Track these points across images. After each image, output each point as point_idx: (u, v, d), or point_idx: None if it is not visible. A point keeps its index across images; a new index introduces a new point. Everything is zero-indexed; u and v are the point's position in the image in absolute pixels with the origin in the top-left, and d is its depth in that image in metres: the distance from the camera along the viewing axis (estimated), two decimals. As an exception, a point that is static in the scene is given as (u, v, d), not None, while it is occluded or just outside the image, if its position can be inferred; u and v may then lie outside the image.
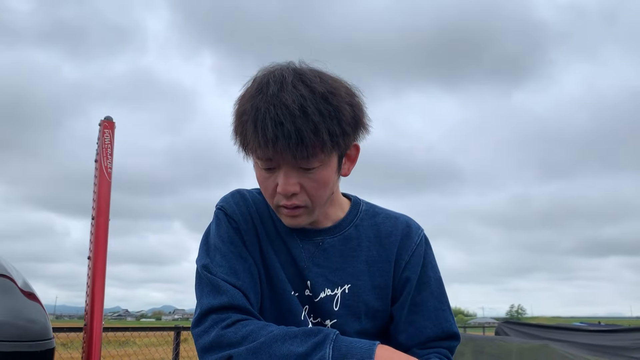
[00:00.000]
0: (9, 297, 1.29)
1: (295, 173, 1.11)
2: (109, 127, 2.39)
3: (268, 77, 1.11)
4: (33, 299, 1.37)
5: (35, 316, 1.32)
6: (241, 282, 1.16)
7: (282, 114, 1.04)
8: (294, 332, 1.07)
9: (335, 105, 1.08)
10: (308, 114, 1.04)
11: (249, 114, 1.08)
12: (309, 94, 1.06)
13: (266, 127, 1.04)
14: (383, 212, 1.33)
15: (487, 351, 5.45)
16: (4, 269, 1.35)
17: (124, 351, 9.05)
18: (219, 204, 1.28)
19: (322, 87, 1.09)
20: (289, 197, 1.13)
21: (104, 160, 2.34)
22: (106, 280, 2.39)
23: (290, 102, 1.04)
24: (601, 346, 6.32)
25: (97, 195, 2.36)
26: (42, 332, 1.31)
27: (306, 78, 1.10)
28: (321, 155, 1.09)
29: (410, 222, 1.32)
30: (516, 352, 5.25)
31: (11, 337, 1.21)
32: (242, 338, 1.07)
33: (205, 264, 1.19)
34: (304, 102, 1.05)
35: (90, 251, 2.37)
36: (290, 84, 1.08)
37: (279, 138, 1.04)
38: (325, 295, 1.22)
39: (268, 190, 1.16)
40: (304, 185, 1.12)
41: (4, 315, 1.24)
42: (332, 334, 1.06)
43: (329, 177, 1.14)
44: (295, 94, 1.06)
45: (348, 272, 1.24)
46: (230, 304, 1.12)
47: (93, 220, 2.36)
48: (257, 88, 1.10)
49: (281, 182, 1.11)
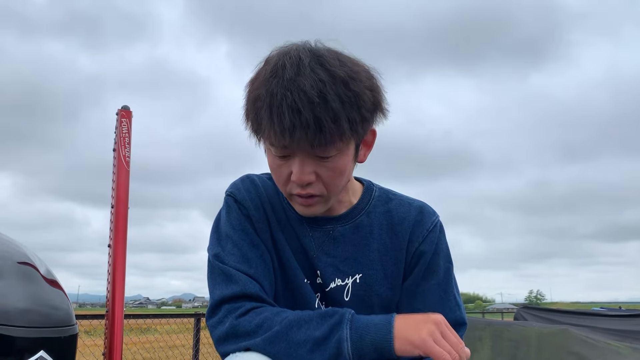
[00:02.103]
0: (33, 285, 1.31)
1: (312, 161, 1.07)
2: (126, 116, 2.40)
3: (283, 58, 1.04)
4: (56, 287, 1.39)
5: (58, 303, 1.34)
6: (254, 270, 1.13)
7: (299, 100, 0.98)
8: (308, 315, 1.05)
9: (356, 91, 1.02)
10: (328, 101, 0.99)
11: (263, 100, 1.02)
12: (328, 79, 1.00)
13: (283, 114, 0.99)
14: (397, 197, 1.29)
15: (506, 336, 5.44)
16: (27, 257, 1.37)
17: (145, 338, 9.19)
18: (228, 190, 1.25)
19: (342, 70, 1.02)
20: (304, 186, 1.09)
21: (122, 149, 2.36)
22: (127, 269, 2.42)
23: (308, 88, 0.98)
24: (622, 331, 6.26)
25: (116, 184, 2.38)
26: (65, 318, 1.33)
27: (325, 60, 1.03)
28: (339, 143, 1.04)
29: (424, 208, 1.27)
30: (535, 337, 5.23)
31: (35, 323, 1.23)
32: (256, 326, 1.05)
33: (216, 252, 1.17)
34: (323, 88, 0.99)
35: (111, 239, 2.39)
36: (307, 67, 1.01)
37: (296, 127, 0.98)
38: (336, 286, 1.20)
39: (281, 177, 1.12)
40: (319, 174, 1.08)
41: (28, 302, 1.26)
42: (347, 313, 1.03)
43: (346, 165, 1.10)
44: (313, 78, 1.00)
45: (359, 261, 1.21)
46: (242, 292, 1.10)
47: (112, 209, 2.38)
48: (272, 71, 1.03)
49: (296, 170, 1.07)
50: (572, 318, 7.56)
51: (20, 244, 1.44)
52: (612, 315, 7.82)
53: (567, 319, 7.53)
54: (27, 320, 1.22)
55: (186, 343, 7.38)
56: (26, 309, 1.24)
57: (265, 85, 1.02)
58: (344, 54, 1.09)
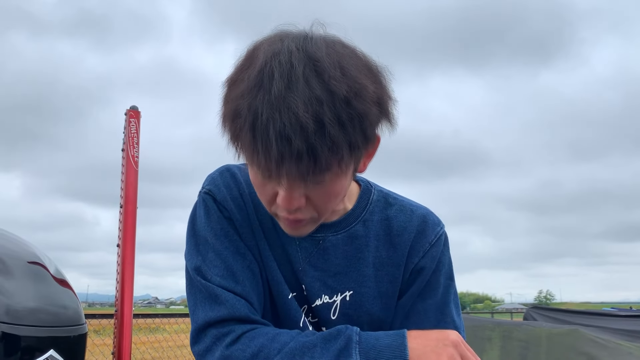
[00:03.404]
0: (43, 284, 1.32)
1: (302, 185, 0.86)
2: (134, 117, 2.41)
3: (271, 63, 0.81)
4: (65, 286, 1.40)
5: (68, 302, 1.35)
6: (241, 286, 0.98)
7: (290, 125, 0.77)
8: (311, 341, 0.90)
9: (361, 109, 0.81)
10: (324, 126, 0.78)
11: (245, 118, 0.81)
12: (326, 97, 0.79)
13: (269, 142, 0.78)
14: (397, 202, 1.11)
15: (516, 336, 5.41)
16: (36, 257, 1.38)
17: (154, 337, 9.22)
18: (205, 187, 1.06)
19: (345, 84, 0.80)
20: (292, 211, 0.90)
21: (130, 149, 2.37)
22: (136, 269, 2.43)
23: (301, 109, 0.77)
24: (633, 331, 6.21)
25: (125, 183, 2.39)
26: (75, 317, 1.34)
27: (323, 69, 0.81)
28: (337, 169, 0.85)
29: (429, 217, 1.10)
30: (545, 337, 5.20)
31: (45, 323, 1.24)
32: (252, 356, 0.90)
33: (197, 265, 1.00)
34: (320, 109, 0.78)
35: (119, 239, 2.41)
36: (301, 78, 0.79)
37: (285, 157, 0.79)
38: (322, 303, 1.05)
39: (265, 197, 0.92)
40: (311, 197, 0.89)
41: (38, 301, 1.27)
42: (354, 335, 0.89)
43: (342, 186, 0.92)
44: (307, 95, 0.78)
45: (351, 277, 1.05)
46: (230, 315, 0.95)
47: (121, 209, 2.40)
48: (257, 80, 0.81)
49: (283, 197, 0.87)
50: (582, 318, 7.50)
51: (30, 243, 1.45)
52: (623, 315, 7.76)
53: (577, 319, 7.48)
54: (37, 319, 1.23)
55: (195, 342, 7.39)
56: (36, 308, 1.25)
57: (248, 98, 0.81)
58: (347, 51, 0.87)
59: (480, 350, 5.33)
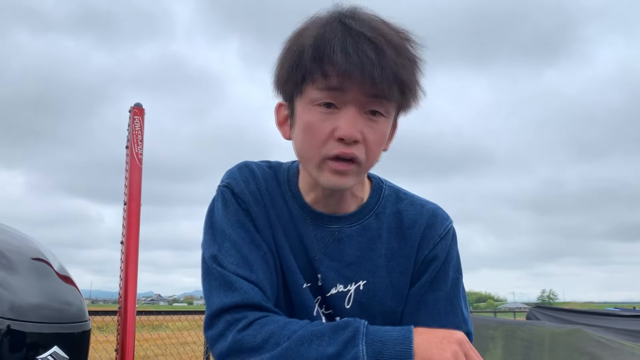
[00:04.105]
0: (46, 280, 1.32)
1: (361, 119, 0.96)
2: (139, 114, 2.42)
3: (332, 24, 0.93)
4: (69, 282, 1.40)
5: (71, 299, 1.35)
6: (255, 275, 1.02)
7: (373, 36, 0.90)
8: (320, 330, 0.94)
9: (416, 53, 0.97)
10: (404, 46, 0.93)
11: (321, 38, 0.91)
12: (392, 32, 0.93)
13: (348, 47, 0.89)
14: (408, 197, 1.18)
15: (519, 335, 5.40)
16: (40, 253, 1.38)
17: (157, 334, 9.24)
18: (224, 180, 1.12)
19: (399, 31, 0.96)
20: (350, 145, 0.96)
21: (134, 146, 2.37)
22: (139, 266, 2.43)
23: (377, 30, 0.91)
24: (636, 331, 6.20)
25: (129, 181, 2.40)
26: (78, 314, 1.34)
27: (384, 24, 0.96)
28: (393, 103, 0.98)
29: (438, 211, 1.16)
30: (549, 336, 5.19)
31: (48, 319, 1.24)
32: (262, 341, 0.94)
33: (213, 253, 1.05)
34: (394, 36, 0.93)
35: (123, 236, 2.41)
36: (366, 17, 0.94)
37: (371, 60, 0.89)
38: (337, 292, 1.10)
39: (321, 135, 0.97)
40: (365, 135, 0.97)
41: (41, 297, 1.27)
42: (361, 327, 0.93)
43: (386, 134, 1.02)
44: (380, 27, 0.92)
45: (364, 267, 1.10)
46: (244, 302, 0.99)
47: (125, 206, 2.40)
48: (322, 22, 0.94)
49: (346, 123, 0.94)
50: (585, 318, 7.49)
51: (34, 240, 1.45)
52: (626, 315, 7.74)
53: (580, 318, 7.46)
54: (41, 315, 1.23)
55: (197, 340, 7.41)
56: (40, 304, 1.25)
57: (316, 31, 0.93)
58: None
59: (483, 349, 5.32)
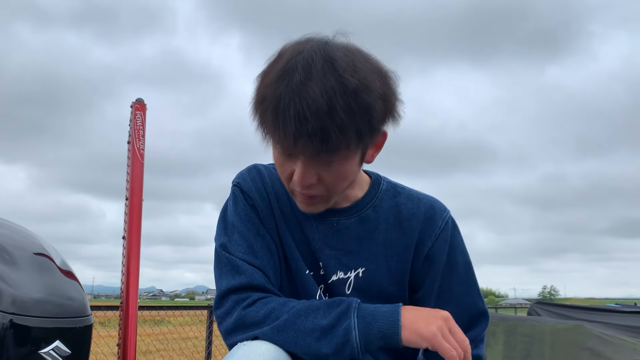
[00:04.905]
0: (48, 275, 1.33)
1: (315, 165, 1.04)
2: (140, 109, 2.42)
3: (296, 59, 1.00)
4: (71, 277, 1.40)
5: (73, 294, 1.36)
6: (259, 260, 1.14)
7: (307, 108, 0.95)
8: (316, 305, 1.06)
9: (367, 102, 0.98)
10: (336, 110, 0.95)
11: (270, 101, 0.99)
12: (338, 87, 0.96)
13: (288, 121, 0.96)
14: (405, 191, 1.27)
15: (520, 331, 5.41)
16: (42, 248, 1.39)
17: (159, 329, 9.28)
18: (235, 180, 1.26)
19: (355, 79, 0.97)
20: (306, 188, 1.08)
21: (136, 141, 2.38)
22: (141, 261, 2.44)
23: (317, 95, 0.95)
24: (638, 327, 6.20)
25: (131, 176, 2.40)
26: (80, 309, 1.35)
27: (338, 66, 0.98)
28: (345, 151, 1.02)
29: (435, 204, 1.25)
30: (550, 332, 5.19)
31: (50, 314, 1.25)
32: (264, 316, 1.06)
33: (223, 242, 1.18)
34: (333, 96, 0.95)
35: (125, 231, 2.41)
36: (319, 71, 0.97)
37: (301, 134, 0.96)
38: (338, 278, 1.20)
39: (284, 174, 1.11)
40: (322, 177, 1.06)
41: (43, 292, 1.28)
42: (354, 302, 1.05)
43: (350, 170, 1.08)
44: (323, 85, 0.96)
45: (363, 255, 1.20)
46: (249, 283, 1.11)
47: (127, 201, 2.40)
48: (282, 72, 0.99)
49: (298, 173, 1.05)
50: (587, 314, 7.49)
51: (36, 234, 1.46)
52: (627, 311, 7.74)
53: (581, 314, 7.47)
54: (43, 310, 1.24)
55: (199, 335, 7.43)
56: (42, 299, 1.26)
57: (274, 87, 0.99)
58: (361, 56, 1.04)
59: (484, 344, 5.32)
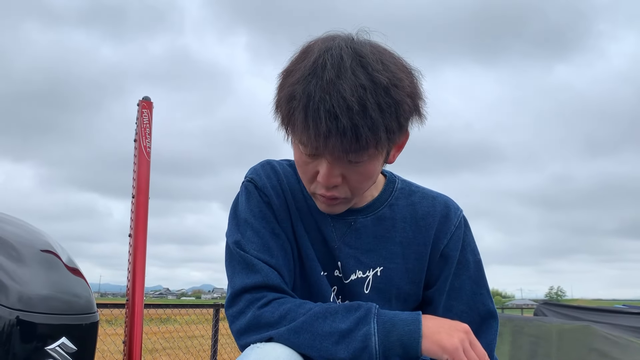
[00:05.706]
0: (55, 272, 1.33)
1: (341, 165, 1.03)
2: (147, 107, 2.42)
3: (325, 56, 0.98)
4: (77, 275, 1.40)
5: (80, 291, 1.36)
6: (275, 260, 1.11)
7: (338, 106, 0.93)
8: (334, 308, 1.03)
9: (397, 99, 0.97)
10: (367, 109, 0.94)
11: (299, 100, 0.97)
12: (369, 84, 0.95)
13: (319, 119, 0.94)
14: (420, 190, 1.27)
15: (527, 332, 5.38)
16: (49, 246, 1.39)
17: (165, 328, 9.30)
18: (248, 176, 1.22)
19: (385, 76, 0.96)
20: (329, 188, 1.06)
21: (142, 140, 2.38)
22: (147, 260, 2.44)
23: (348, 93, 0.93)
24: (645, 329, 6.16)
25: (137, 174, 2.40)
26: (87, 306, 1.35)
27: (367, 63, 0.97)
28: (373, 150, 1.01)
29: (449, 203, 1.25)
30: (556, 332, 5.17)
31: (57, 310, 1.25)
32: (280, 317, 1.03)
33: (237, 239, 1.14)
34: (364, 94, 0.94)
35: (131, 229, 2.42)
36: (349, 69, 0.95)
37: (332, 133, 0.94)
38: (356, 278, 1.17)
39: (307, 175, 1.09)
40: (347, 177, 1.05)
41: (50, 289, 1.28)
42: (373, 308, 1.01)
43: (375, 169, 1.07)
44: (354, 82, 0.94)
45: (381, 254, 1.18)
46: (264, 283, 1.08)
47: (133, 199, 2.40)
48: (312, 69, 0.97)
49: (324, 173, 1.03)
50: (594, 315, 7.45)
51: (43, 232, 1.46)
52: (635, 312, 7.69)
53: (588, 315, 7.43)
54: (49, 307, 1.24)
55: (205, 333, 7.45)
56: (48, 296, 1.26)
57: (303, 84, 0.97)
58: (387, 53, 1.03)
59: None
